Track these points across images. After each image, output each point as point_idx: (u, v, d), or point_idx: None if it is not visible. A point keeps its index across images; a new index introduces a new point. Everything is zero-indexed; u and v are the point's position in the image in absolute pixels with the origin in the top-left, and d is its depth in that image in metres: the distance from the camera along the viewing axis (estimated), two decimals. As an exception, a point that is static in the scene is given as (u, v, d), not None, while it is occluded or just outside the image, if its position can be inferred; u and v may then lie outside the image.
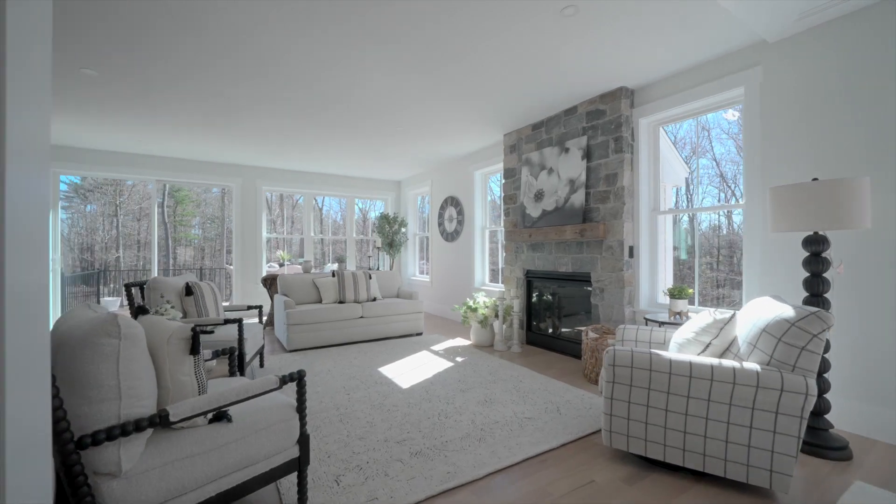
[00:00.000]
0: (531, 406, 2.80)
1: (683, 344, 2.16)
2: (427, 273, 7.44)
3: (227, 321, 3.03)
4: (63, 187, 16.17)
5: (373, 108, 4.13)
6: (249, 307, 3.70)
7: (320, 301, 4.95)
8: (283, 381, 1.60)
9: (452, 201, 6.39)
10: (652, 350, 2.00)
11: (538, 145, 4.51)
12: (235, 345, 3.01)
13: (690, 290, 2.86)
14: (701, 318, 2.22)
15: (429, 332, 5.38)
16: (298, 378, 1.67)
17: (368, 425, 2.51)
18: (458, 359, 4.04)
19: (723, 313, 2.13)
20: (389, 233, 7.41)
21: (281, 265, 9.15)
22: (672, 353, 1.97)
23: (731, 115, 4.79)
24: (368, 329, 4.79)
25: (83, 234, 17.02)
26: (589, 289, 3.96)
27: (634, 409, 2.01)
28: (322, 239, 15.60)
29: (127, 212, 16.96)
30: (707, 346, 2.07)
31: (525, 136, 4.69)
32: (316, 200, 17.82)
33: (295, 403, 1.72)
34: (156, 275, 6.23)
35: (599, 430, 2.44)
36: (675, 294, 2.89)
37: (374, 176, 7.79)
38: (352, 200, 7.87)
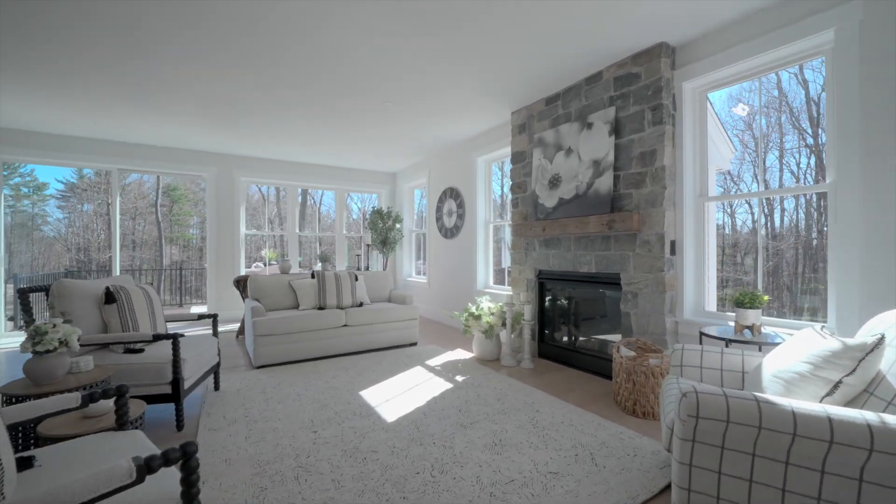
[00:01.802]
0: (555, 452, 2.10)
1: (792, 380, 1.46)
2: (424, 274, 6.74)
3: (157, 337, 2.33)
4: (59, 185, 15.69)
5: (362, 80, 3.44)
6: (200, 316, 3.00)
7: (297, 307, 4.25)
8: (147, 468, 0.90)
9: (452, 193, 5.69)
10: (757, 394, 1.30)
11: (553, 122, 3.81)
12: (145, 376, 2.32)
13: (766, 297, 2.16)
14: (811, 339, 1.52)
15: (425, 342, 4.68)
16: (183, 457, 0.97)
17: (334, 485, 1.81)
18: (459, 378, 3.34)
19: (838, 335, 1.43)
20: (382, 229, 6.71)
21: (267, 265, 8.48)
22: (791, 401, 1.27)
23: (741, 109, 4.24)
24: (353, 340, 4.09)
25: (79, 233, 16.56)
26: (616, 294, 3.26)
27: (729, 485, 1.31)
28: (320, 238, 14.89)
29: (123, 210, 16.40)
30: (835, 385, 1.37)
31: (537, 112, 3.99)
32: (313, 197, 17.10)
33: (180, 495, 1.02)
34: (117, 274, 5.53)
35: (659, 496, 1.74)
36: (744, 301, 2.18)
37: (367, 167, 7.10)
38: (342, 194, 7.18)
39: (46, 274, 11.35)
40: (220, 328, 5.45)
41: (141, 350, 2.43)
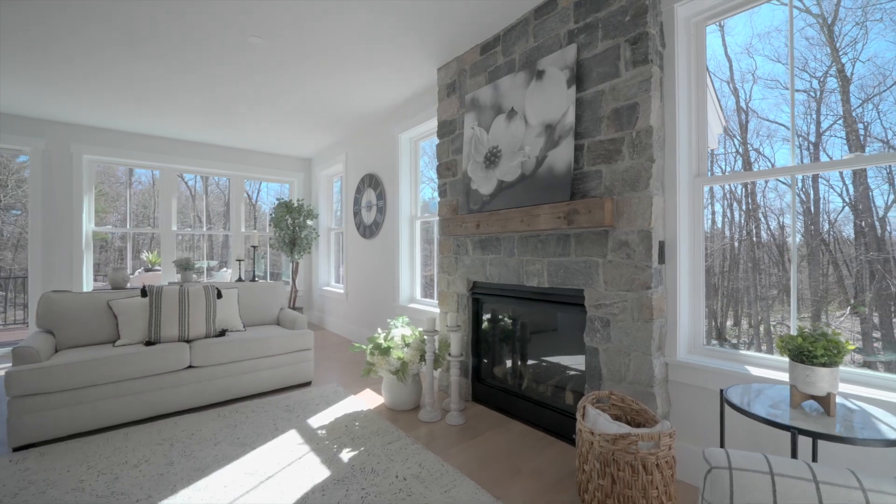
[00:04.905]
0: None
1: None
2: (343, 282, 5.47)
3: None
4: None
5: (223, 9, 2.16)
6: None
7: (117, 339, 2.84)
8: None
9: (371, 181, 4.49)
10: None
11: (491, 76, 2.74)
12: None
13: (851, 346, 1.20)
14: None
15: (327, 378, 3.45)
16: None
17: None
18: (346, 454, 2.16)
19: None
20: (291, 227, 5.35)
21: (148, 270, 6.84)
22: None
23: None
24: (203, 388, 2.77)
25: (-48, 231, 13.30)
26: (578, 317, 2.25)
27: None
28: (246, 236, 12.93)
29: (21, 206, 13.46)
30: None
31: (470, 64, 2.91)
32: (246, 191, 14.99)
33: None
34: None
35: None
36: (814, 354, 1.20)
37: (274, 150, 5.70)
38: (239, 181, 5.71)
39: None
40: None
41: None
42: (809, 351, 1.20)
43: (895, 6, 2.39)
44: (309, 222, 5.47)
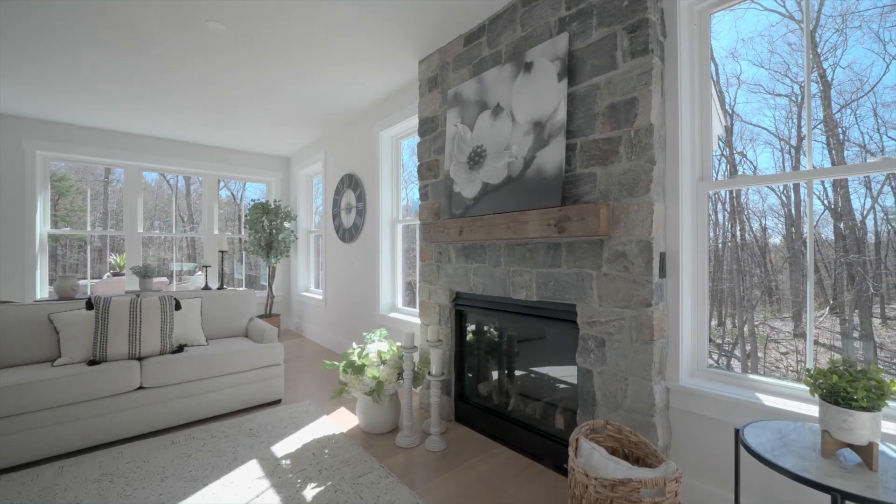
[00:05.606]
0: None
1: None
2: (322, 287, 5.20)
3: None
4: None
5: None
6: None
7: (57, 357, 2.54)
8: None
9: (350, 181, 4.24)
10: None
11: (475, 69, 2.52)
12: None
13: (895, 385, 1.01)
14: None
15: (297, 395, 3.19)
16: None
17: None
18: (313, 488, 1.92)
19: None
20: (267, 229, 5.06)
21: (116, 274, 6.47)
22: None
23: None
24: (156, 411, 2.49)
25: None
26: (570, 333, 2.05)
27: None
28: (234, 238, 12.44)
29: None
30: None
31: (453, 56, 2.69)
32: (229, 189, 14.45)
33: None
34: None
35: None
36: (854, 395, 1.01)
37: (250, 147, 5.39)
38: (212, 180, 5.39)
39: None
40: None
41: None
42: (847, 392, 1.00)
43: (873, 13, 2.29)
44: (287, 224, 5.19)
